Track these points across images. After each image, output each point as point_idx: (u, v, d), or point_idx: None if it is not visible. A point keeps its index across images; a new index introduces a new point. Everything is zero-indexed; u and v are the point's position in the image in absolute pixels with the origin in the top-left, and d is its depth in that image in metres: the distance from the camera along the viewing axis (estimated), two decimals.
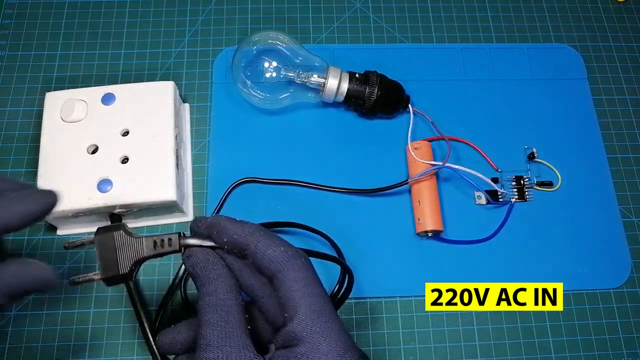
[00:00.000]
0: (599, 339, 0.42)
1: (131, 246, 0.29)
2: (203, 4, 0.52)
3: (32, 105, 0.47)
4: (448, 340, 0.41)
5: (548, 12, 0.54)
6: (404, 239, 0.44)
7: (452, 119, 0.48)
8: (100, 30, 0.50)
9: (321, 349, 0.26)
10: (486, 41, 0.52)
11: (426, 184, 0.43)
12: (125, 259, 0.29)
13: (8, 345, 0.40)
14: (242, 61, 0.45)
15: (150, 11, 0.52)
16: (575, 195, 0.46)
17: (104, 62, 0.49)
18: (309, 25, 0.52)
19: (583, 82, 0.50)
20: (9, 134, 0.46)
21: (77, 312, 0.41)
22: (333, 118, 0.48)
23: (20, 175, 0.45)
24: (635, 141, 0.49)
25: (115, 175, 0.39)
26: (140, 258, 0.29)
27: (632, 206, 0.46)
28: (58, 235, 0.43)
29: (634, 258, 0.44)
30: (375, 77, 0.45)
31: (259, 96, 0.45)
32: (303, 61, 0.45)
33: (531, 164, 0.47)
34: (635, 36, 0.53)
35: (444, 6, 0.53)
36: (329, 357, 0.26)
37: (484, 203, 0.45)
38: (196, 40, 0.50)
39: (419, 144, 0.45)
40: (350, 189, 0.44)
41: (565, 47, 0.52)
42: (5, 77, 0.48)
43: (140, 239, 0.30)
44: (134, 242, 0.29)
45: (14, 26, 0.50)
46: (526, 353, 0.41)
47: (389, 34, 0.52)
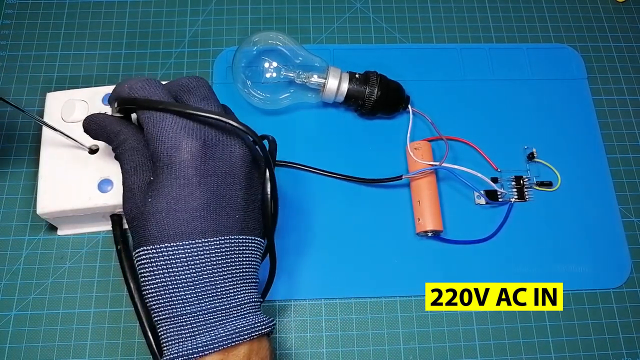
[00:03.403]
0: (599, 338, 0.42)
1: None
2: (203, 4, 0.52)
3: (33, 105, 0.47)
4: (448, 340, 0.41)
5: (548, 12, 0.54)
6: (403, 238, 0.44)
7: (452, 119, 0.48)
8: (101, 30, 0.51)
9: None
10: (486, 41, 0.52)
11: (426, 184, 0.44)
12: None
13: (8, 345, 0.40)
14: (242, 61, 0.45)
15: (150, 11, 0.52)
16: (575, 195, 0.46)
17: (105, 62, 0.49)
18: (309, 26, 0.52)
19: (583, 82, 0.50)
20: (9, 134, 0.46)
21: (77, 312, 0.41)
22: (333, 118, 0.48)
23: (21, 175, 0.45)
24: (635, 141, 0.49)
25: (115, 175, 0.39)
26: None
27: (632, 206, 0.46)
28: (58, 235, 0.43)
29: (633, 258, 0.44)
30: (375, 77, 0.45)
31: (259, 96, 0.45)
32: (303, 61, 0.45)
33: (531, 164, 0.47)
34: (635, 36, 0.53)
35: (444, 6, 0.53)
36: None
37: (483, 203, 0.45)
38: (196, 40, 0.50)
39: (419, 144, 0.45)
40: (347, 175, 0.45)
41: (565, 47, 0.52)
42: (5, 77, 0.48)
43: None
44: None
45: (14, 26, 0.50)
46: (526, 353, 0.41)
47: (389, 34, 0.52)
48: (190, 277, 0.29)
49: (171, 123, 0.30)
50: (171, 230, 0.29)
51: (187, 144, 0.30)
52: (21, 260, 0.42)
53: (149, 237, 0.30)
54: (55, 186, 0.39)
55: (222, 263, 0.30)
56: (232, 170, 0.32)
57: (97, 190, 0.39)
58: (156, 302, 0.30)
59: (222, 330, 0.30)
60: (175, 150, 0.30)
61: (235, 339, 0.29)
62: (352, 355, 0.41)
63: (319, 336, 0.41)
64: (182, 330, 0.29)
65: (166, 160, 0.30)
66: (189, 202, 0.30)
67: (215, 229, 0.30)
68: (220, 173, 0.31)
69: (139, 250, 0.30)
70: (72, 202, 0.39)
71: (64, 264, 0.42)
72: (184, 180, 0.30)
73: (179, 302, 0.29)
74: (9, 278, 0.42)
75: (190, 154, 0.30)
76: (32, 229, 0.43)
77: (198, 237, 0.30)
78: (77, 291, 0.41)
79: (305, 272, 0.42)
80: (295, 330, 0.41)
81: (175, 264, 0.29)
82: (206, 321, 0.30)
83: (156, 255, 0.29)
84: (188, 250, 0.29)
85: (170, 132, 0.30)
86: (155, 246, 0.29)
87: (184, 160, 0.30)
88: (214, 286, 0.30)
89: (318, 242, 0.43)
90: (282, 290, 0.42)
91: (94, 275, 0.42)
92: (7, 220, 0.43)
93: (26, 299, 0.41)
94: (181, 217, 0.30)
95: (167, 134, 0.30)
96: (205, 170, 0.30)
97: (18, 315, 0.41)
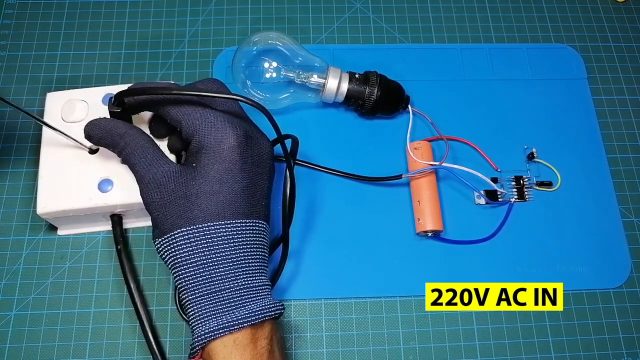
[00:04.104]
0: (599, 338, 0.42)
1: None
2: (203, 4, 0.52)
3: (33, 105, 0.47)
4: (448, 340, 0.41)
5: (548, 12, 0.54)
6: (403, 239, 0.44)
7: (452, 119, 0.48)
8: (101, 31, 0.51)
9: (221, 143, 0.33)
10: (486, 41, 0.52)
11: (426, 184, 0.44)
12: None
13: (8, 345, 0.40)
14: (242, 61, 0.45)
15: (150, 11, 0.52)
16: (574, 195, 0.46)
17: (105, 62, 0.49)
18: (309, 26, 0.52)
19: (583, 82, 0.50)
20: (9, 134, 0.46)
21: (77, 312, 0.41)
22: (333, 118, 0.48)
23: (21, 175, 0.45)
24: (635, 141, 0.49)
25: (115, 175, 0.39)
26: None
27: (632, 206, 0.46)
28: (58, 235, 0.43)
29: (633, 258, 0.44)
30: (375, 77, 0.45)
31: (259, 96, 0.45)
32: (303, 61, 0.45)
33: (531, 164, 0.47)
34: (635, 36, 0.53)
35: (444, 6, 0.53)
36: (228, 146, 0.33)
37: (483, 203, 0.45)
38: (196, 40, 0.50)
39: (419, 144, 0.45)
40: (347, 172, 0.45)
41: (565, 47, 0.52)
42: (5, 78, 0.48)
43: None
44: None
45: (14, 26, 0.50)
46: (526, 353, 0.41)
47: (389, 34, 0.52)
48: (230, 255, 0.33)
49: (215, 115, 0.34)
50: (215, 210, 0.33)
51: (233, 132, 0.33)
52: (21, 260, 0.42)
53: (191, 217, 0.32)
54: (55, 186, 0.39)
55: (253, 244, 0.34)
56: (262, 162, 0.35)
57: (97, 190, 0.39)
58: (194, 281, 0.32)
59: (254, 305, 0.33)
60: (224, 137, 0.33)
61: (266, 315, 0.32)
62: (352, 355, 0.41)
63: (319, 336, 0.41)
64: (220, 305, 0.32)
65: (215, 147, 0.33)
66: (232, 185, 0.33)
67: (251, 211, 0.34)
68: (255, 162, 0.35)
69: (176, 233, 0.32)
70: (72, 202, 0.39)
71: (64, 264, 0.42)
72: (230, 164, 0.33)
73: (218, 279, 0.32)
74: (9, 278, 0.42)
75: (237, 141, 0.33)
76: (32, 229, 0.43)
77: (238, 218, 0.33)
78: (77, 291, 0.41)
79: (305, 272, 0.42)
80: (295, 330, 0.41)
81: (217, 242, 0.32)
82: (242, 297, 0.33)
83: (198, 235, 0.32)
84: (229, 230, 0.33)
85: (217, 123, 0.33)
86: (198, 226, 0.32)
87: (232, 147, 0.33)
88: (247, 265, 0.33)
89: (318, 242, 0.43)
90: (282, 290, 0.42)
91: (94, 275, 0.42)
92: (7, 220, 0.43)
93: (26, 299, 0.41)
94: (224, 199, 0.33)
95: (214, 125, 0.33)
96: (245, 157, 0.34)
97: (18, 315, 0.41)
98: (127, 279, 0.40)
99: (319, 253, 0.43)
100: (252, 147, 0.35)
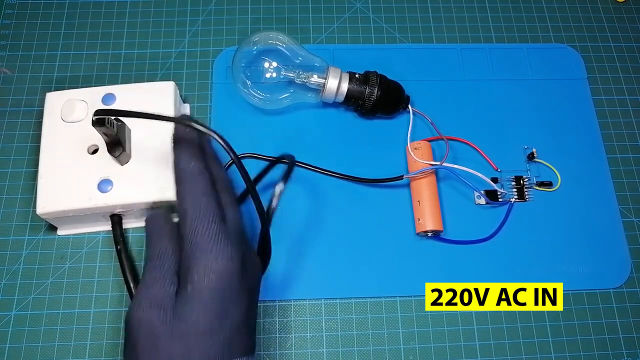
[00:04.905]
0: (599, 338, 0.42)
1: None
2: (203, 4, 0.52)
3: (33, 105, 0.47)
4: (448, 340, 0.41)
5: (548, 12, 0.54)
6: (403, 239, 0.44)
7: (452, 119, 0.48)
8: (101, 31, 0.51)
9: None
10: (486, 41, 0.52)
11: (426, 184, 0.44)
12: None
13: (8, 345, 0.40)
14: (242, 61, 0.45)
15: (150, 11, 0.52)
16: (574, 196, 0.46)
17: (104, 62, 0.49)
18: (309, 26, 0.52)
19: (583, 82, 0.50)
20: (9, 134, 0.46)
21: (77, 312, 0.41)
22: (333, 118, 0.48)
23: (21, 175, 0.45)
24: (635, 141, 0.49)
25: (115, 175, 0.40)
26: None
27: (632, 206, 0.46)
28: (58, 235, 0.43)
29: (633, 258, 0.44)
30: (375, 77, 0.45)
31: (259, 96, 0.45)
32: (303, 61, 0.45)
33: (531, 164, 0.47)
34: (635, 36, 0.53)
35: (444, 6, 0.53)
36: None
37: (483, 203, 0.45)
38: (196, 40, 0.50)
39: (419, 144, 0.45)
40: (347, 175, 0.44)
41: (565, 47, 0.52)
42: (5, 77, 0.48)
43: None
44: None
45: (14, 26, 0.50)
46: (526, 353, 0.41)
47: (389, 34, 0.52)
48: None
49: (210, 233, 0.30)
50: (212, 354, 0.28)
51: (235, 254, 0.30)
52: (21, 260, 0.42)
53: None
54: (55, 186, 0.39)
55: None
56: (255, 287, 0.33)
57: (97, 190, 0.39)
58: None
59: None
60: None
61: None
62: (352, 355, 0.41)
63: (319, 336, 0.41)
64: None
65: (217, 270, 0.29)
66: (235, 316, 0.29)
67: (251, 345, 0.31)
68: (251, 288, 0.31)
69: None
70: (72, 202, 0.39)
71: (64, 264, 0.42)
72: (232, 293, 0.29)
73: None
74: (9, 278, 0.42)
75: (239, 263, 0.30)
76: (32, 229, 0.43)
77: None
78: (77, 291, 0.41)
79: (305, 272, 0.42)
80: (295, 330, 0.41)
81: None
82: None
83: None
84: None
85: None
86: None
87: (234, 271, 0.29)
88: None
89: (318, 242, 0.43)
90: (282, 290, 0.42)
91: (94, 275, 0.42)
92: (7, 220, 0.43)
93: (26, 299, 0.41)
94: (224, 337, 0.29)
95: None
96: (244, 282, 0.30)
97: (18, 315, 0.41)
98: (127, 279, 0.40)
99: (319, 253, 0.43)
100: (248, 271, 0.31)
